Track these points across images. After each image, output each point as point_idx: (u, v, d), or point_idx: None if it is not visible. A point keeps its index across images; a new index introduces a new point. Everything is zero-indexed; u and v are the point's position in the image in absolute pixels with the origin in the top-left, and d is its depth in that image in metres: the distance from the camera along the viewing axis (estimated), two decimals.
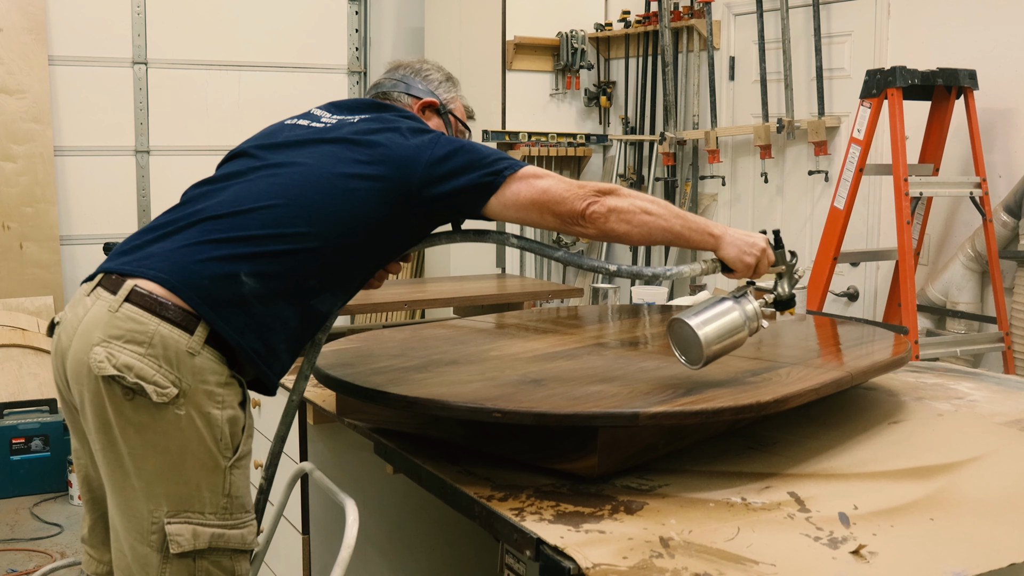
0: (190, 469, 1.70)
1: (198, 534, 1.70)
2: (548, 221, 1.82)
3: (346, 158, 1.83)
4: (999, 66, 3.71)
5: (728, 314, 1.75)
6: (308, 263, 1.76)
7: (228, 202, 1.78)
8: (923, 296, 3.90)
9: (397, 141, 1.86)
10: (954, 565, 1.30)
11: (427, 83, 2.14)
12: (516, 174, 1.82)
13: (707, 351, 1.72)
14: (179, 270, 1.69)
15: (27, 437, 4.38)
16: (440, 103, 2.13)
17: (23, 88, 5.18)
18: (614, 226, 1.78)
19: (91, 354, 1.66)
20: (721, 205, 5.00)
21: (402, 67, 2.18)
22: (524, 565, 1.67)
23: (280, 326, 1.75)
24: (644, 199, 1.81)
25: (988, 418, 2.03)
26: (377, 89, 2.16)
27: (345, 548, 1.80)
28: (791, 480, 1.64)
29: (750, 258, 1.83)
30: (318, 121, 1.96)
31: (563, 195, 1.79)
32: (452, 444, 1.77)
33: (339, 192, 1.79)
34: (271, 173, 1.82)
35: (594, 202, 1.77)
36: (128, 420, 1.67)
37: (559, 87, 5.48)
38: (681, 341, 1.77)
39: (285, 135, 1.93)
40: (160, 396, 1.65)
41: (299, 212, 1.76)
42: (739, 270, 1.84)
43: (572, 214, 1.78)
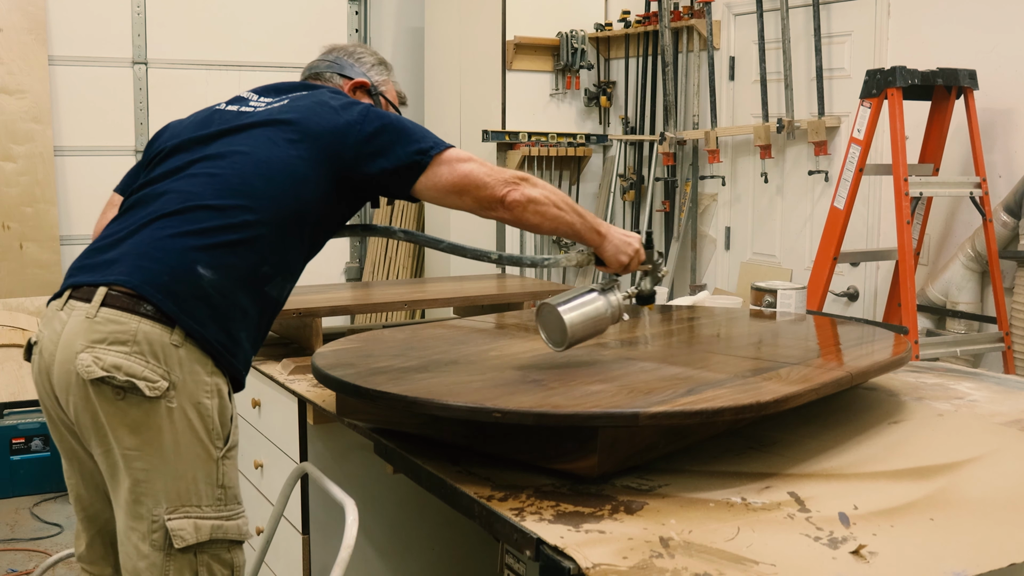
0: (185, 462, 1.72)
1: (199, 527, 1.73)
2: (467, 204, 1.89)
3: (280, 140, 1.86)
4: (999, 66, 3.71)
5: (593, 303, 1.89)
6: (259, 250, 1.79)
7: (174, 199, 1.79)
8: (923, 296, 3.90)
9: (327, 116, 1.89)
10: (954, 565, 1.30)
11: (360, 65, 2.20)
12: (442, 155, 1.87)
13: (570, 334, 1.87)
14: (140, 271, 1.71)
15: (27, 437, 4.38)
16: (371, 84, 2.18)
17: (23, 88, 5.18)
18: (529, 216, 1.87)
19: (77, 361, 1.67)
20: (721, 205, 5.00)
21: (336, 50, 2.23)
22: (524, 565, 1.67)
23: (240, 315, 1.79)
24: (554, 192, 1.91)
25: (988, 418, 2.03)
26: (310, 71, 2.21)
27: (345, 548, 1.80)
28: (791, 480, 1.64)
29: (624, 257, 1.98)
30: (247, 105, 1.97)
31: (484, 180, 1.86)
32: (452, 444, 1.77)
33: (279, 176, 1.82)
34: (211, 165, 1.83)
35: (514, 190, 1.86)
36: (121, 421, 1.68)
37: (559, 87, 5.48)
38: (548, 325, 1.90)
39: (216, 124, 1.93)
40: (152, 390, 1.67)
41: (244, 201, 1.79)
42: (612, 266, 1.99)
43: (492, 200, 1.86)
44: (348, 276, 6.35)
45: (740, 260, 4.91)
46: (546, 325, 1.91)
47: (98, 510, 1.89)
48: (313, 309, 2.60)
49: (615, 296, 1.92)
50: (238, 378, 1.83)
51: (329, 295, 2.86)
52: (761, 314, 2.66)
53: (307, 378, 2.38)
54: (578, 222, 1.92)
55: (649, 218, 5.29)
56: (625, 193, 5.39)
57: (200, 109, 2.05)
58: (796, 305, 2.67)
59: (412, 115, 7.44)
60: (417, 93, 6.29)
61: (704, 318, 2.59)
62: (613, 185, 5.49)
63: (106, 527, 1.90)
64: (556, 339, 1.90)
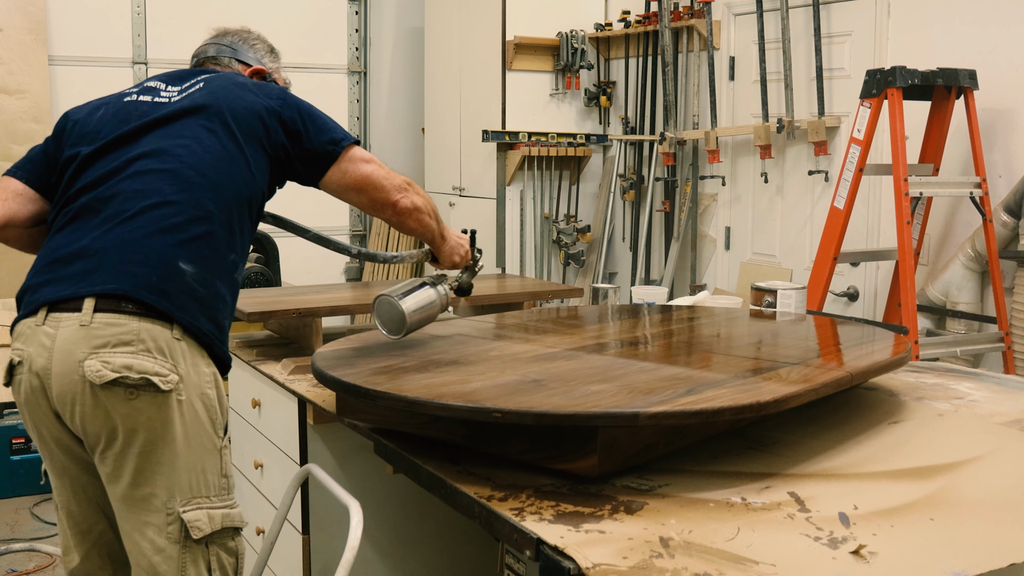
0: (196, 454, 1.77)
1: (212, 516, 1.78)
2: (362, 202, 2.00)
3: (216, 127, 1.88)
4: (999, 66, 3.71)
5: (426, 294, 2.08)
6: (224, 237, 1.84)
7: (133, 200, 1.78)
8: (923, 296, 3.90)
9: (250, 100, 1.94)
10: (954, 565, 1.30)
11: (254, 51, 2.25)
12: (349, 151, 1.96)
13: (409, 321, 2.02)
14: (127, 276, 1.71)
15: (27, 437, 4.38)
16: (267, 72, 2.22)
17: (23, 88, 5.18)
18: (411, 223, 2.04)
19: (84, 368, 1.67)
20: (721, 205, 5.00)
21: (229, 34, 2.27)
22: (524, 565, 1.67)
23: (221, 303, 1.84)
24: (430, 202, 2.07)
25: (988, 418, 2.03)
26: (204, 55, 2.21)
27: (349, 549, 1.80)
28: (791, 480, 1.64)
29: (457, 257, 2.21)
30: (159, 95, 1.97)
31: (382, 183, 1.98)
32: (452, 444, 1.77)
33: (225, 164, 1.86)
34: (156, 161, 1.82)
35: (404, 197, 2.00)
36: (134, 419, 1.69)
37: (559, 87, 5.48)
38: (385, 315, 2.05)
39: (136, 117, 1.91)
40: (166, 384, 1.71)
41: (203, 192, 1.81)
42: (444, 264, 2.20)
43: (386, 203, 1.99)
44: (348, 276, 6.35)
45: (740, 260, 4.91)
46: (383, 315, 2.05)
47: (91, 524, 1.90)
48: (313, 309, 2.60)
49: (443, 288, 2.12)
50: (226, 363, 1.88)
51: (329, 295, 2.86)
52: (761, 314, 2.66)
53: (307, 378, 2.38)
54: (435, 229, 2.11)
55: (649, 218, 5.29)
56: (625, 193, 5.40)
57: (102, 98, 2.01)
58: (796, 305, 2.67)
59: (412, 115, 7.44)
60: (417, 93, 6.29)
61: (704, 318, 2.58)
62: (613, 185, 5.49)
63: (101, 539, 1.91)
64: (392, 328, 2.04)
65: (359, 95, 6.34)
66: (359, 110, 6.37)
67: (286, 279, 5.09)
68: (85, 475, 1.84)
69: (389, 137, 6.45)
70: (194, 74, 2.04)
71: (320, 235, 2.20)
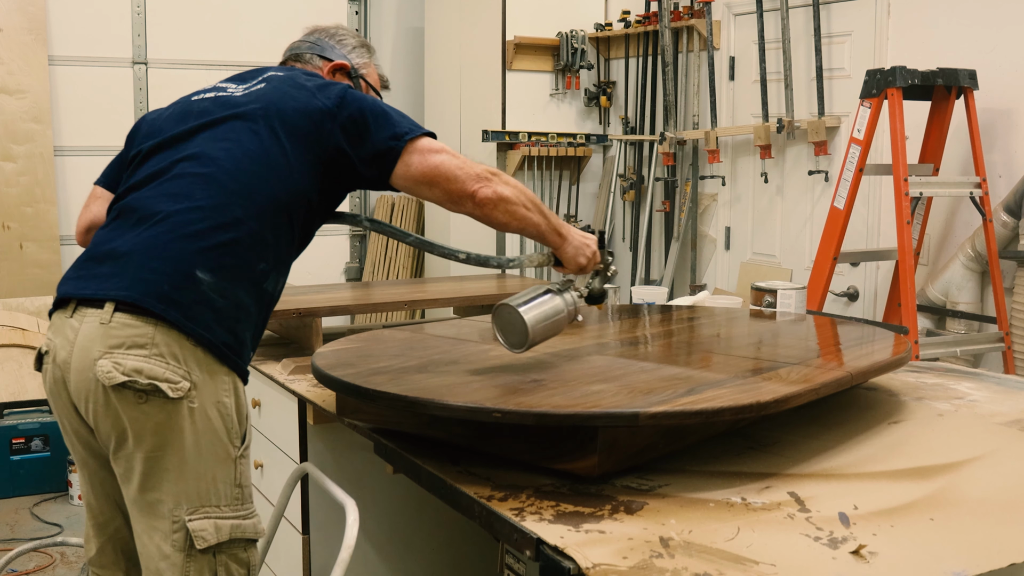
0: (206, 462, 1.72)
1: (219, 527, 1.73)
2: (436, 195, 1.85)
3: (261, 130, 1.82)
4: (999, 66, 3.71)
5: (551, 303, 1.88)
6: (254, 246, 1.76)
7: (164, 203, 1.76)
8: (923, 296, 3.90)
9: (304, 101, 1.85)
10: (954, 565, 1.30)
11: (341, 47, 2.16)
12: (415, 143, 1.83)
13: (531, 335, 1.84)
14: (140, 284, 1.69)
15: (27, 437, 4.38)
16: (351, 67, 2.13)
17: (23, 88, 5.18)
18: (499, 215, 1.84)
19: (96, 368, 1.66)
20: (721, 205, 5.00)
21: (318, 31, 2.20)
22: (524, 565, 1.67)
23: (244, 315, 1.77)
24: (524, 191, 1.87)
25: (988, 418, 2.03)
26: (291, 52, 2.17)
27: (345, 548, 1.80)
28: (791, 480, 1.64)
29: (583, 259, 1.97)
30: (222, 94, 1.93)
31: (456, 173, 1.81)
32: (452, 444, 1.77)
33: (264, 168, 1.79)
34: (195, 164, 1.80)
35: (485, 186, 1.82)
36: (143, 424, 1.68)
37: (559, 87, 5.48)
38: (506, 325, 1.87)
39: (193, 118, 1.89)
40: (175, 391, 1.66)
41: (232, 198, 1.75)
42: (570, 267, 1.97)
43: (461, 194, 1.82)
44: (348, 276, 6.34)
45: (740, 260, 4.91)
46: (504, 327, 1.88)
47: (108, 518, 1.90)
48: (313, 309, 2.60)
49: (571, 295, 1.92)
50: (244, 375, 1.82)
51: (329, 295, 2.86)
52: (761, 314, 2.66)
53: (307, 378, 2.38)
54: (543, 223, 1.90)
55: (649, 218, 5.29)
56: (625, 193, 5.39)
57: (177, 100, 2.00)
58: (796, 305, 2.67)
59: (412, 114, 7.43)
60: (417, 93, 6.29)
61: (704, 318, 2.59)
62: (613, 185, 5.49)
63: (116, 535, 1.90)
64: (515, 341, 1.87)
65: None
66: None
67: None
68: (103, 470, 1.83)
69: None
70: (260, 72, 1.98)
71: (421, 239, 2.04)
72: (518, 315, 1.83)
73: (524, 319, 1.83)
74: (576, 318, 1.93)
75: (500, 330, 1.89)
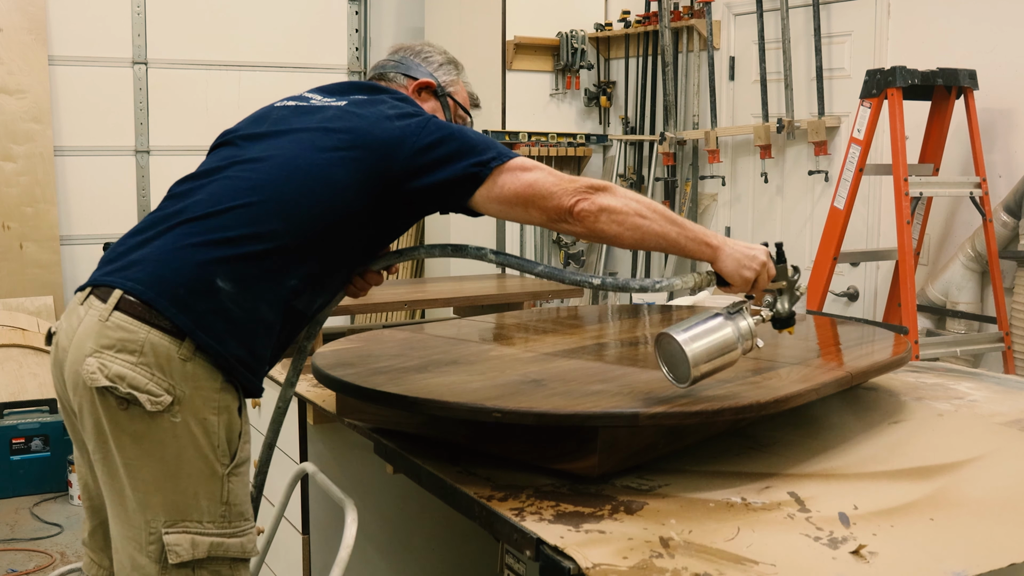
0: (187, 477, 1.66)
1: (196, 543, 1.66)
2: (534, 216, 1.72)
3: (326, 146, 1.75)
4: (999, 66, 3.71)
5: (719, 331, 1.63)
6: (286, 262, 1.69)
7: (205, 202, 1.71)
8: (923, 296, 3.90)
9: (382, 125, 1.77)
10: (954, 565, 1.30)
11: (427, 64, 2.06)
12: (504, 165, 1.71)
13: (695, 371, 1.60)
14: (156, 280, 1.64)
15: (27, 437, 4.38)
16: (437, 84, 2.04)
17: (23, 88, 5.18)
18: (604, 227, 1.68)
19: (84, 365, 1.64)
20: (721, 205, 5.00)
21: (403, 49, 2.10)
22: (524, 565, 1.67)
23: (263, 330, 1.69)
24: (639, 200, 1.71)
25: (988, 418, 2.02)
26: (376, 71, 2.07)
27: (344, 548, 1.80)
28: (791, 480, 1.64)
29: (749, 272, 1.74)
30: (306, 102, 1.88)
31: (551, 190, 1.68)
32: (452, 444, 1.77)
33: (314, 184, 1.72)
34: (250, 168, 1.74)
35: (584, 199, 1.67)
36: (123, 430, 1.65)
37: (559, 87, 5.48)
38: (669, 357, 1.65)
39: (268, 123, 1.85)
40: (154, 405, 1.61)
41: (274, 208, 1.69)
42: (737, 284, 1.74)
43: (559, 210, 1.68)
44: None
45: None
46: (668, 357, 1.64)
47: (101, 504, 1.87)
48: None
49: (745, 322, 1.65)
50: (254, 391, 1.74)
51: None
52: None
53: (307, 378, 2.38)
54: (673, 232, 1.70)
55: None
56: None
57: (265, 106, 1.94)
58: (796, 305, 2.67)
59: None
60: None
61: None
62: None
63: (106, 523, 1.89)
64: (680, 375, 1.63)
65: None
66: None
67: None
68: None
69: None
70: (354, 90, 1.91)
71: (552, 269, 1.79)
72: (680, 348, 1.59)
73: (687, 354, 1.59)
74: (755, 346, 1.67)
75: (663, 360, 1.66)
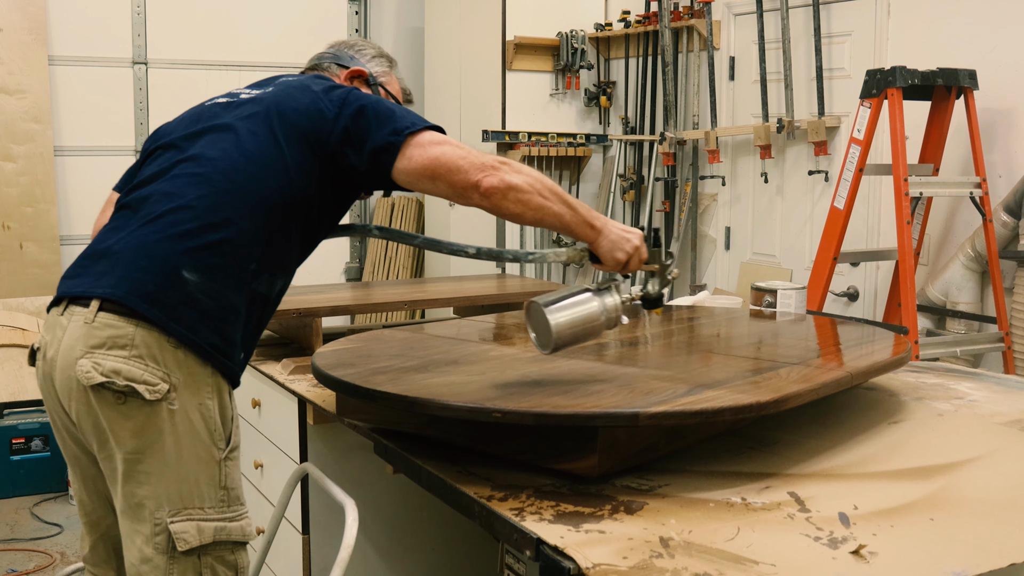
0: (188, 464, 1.71)
1: (202, 529, 1.71)
2: (442, 189, 1.76)
3: (262, 131, 1.81)
4: (999, 66, 3.71)
5: (584, 304, 1.73)
6: (244, 246, 1.74)
7: (159, 202, 1.76)
8: (923, 296, 3.90)
9: (309, 100, 1.83)
10: (954, 565, 1.30)
11: (360, 56, 2.14)
12: (415, 137, 1.76)
13: (556, 339, 1.71)
14: (126, 282, 1.69)
15: (27, 437, 4.39)
16: (369, 74, 2.10)
17: (23, 88, 5.18)
18: (510, 205, 1.74)
19: (76, 368, 1.66)
20: (721, 205, 5.00)
21: (339, 44, 2.19)
22: (524, 565, 1.67)
23: (232, 316, 1.75)
24: (540, 180, 1.77)
25: (988, 418, 2.03)
26: (310, 63, 2.16)
27: (344, 548, 1.80)
28: (791, 480, 1.64)
29: (621, 254, 1.82)
30: (235, 98, 1.93)
31: (459, 164, 1.73)
32: (452, 444, 1.77)
33: (260, 169, 1.78)
34: (195, 164, 1.79)
35: (491, 175, 1.72)
36: (122, 425, 1.67)
37: (559, 87, 5.48)
38: (536, 324, 1.75)
39: (204, 120, 1.89)
40: (153, 393, 1.66)
41: (225, 198, 1.74)
42: (608, 264, 1.83)
43: (466, 185, 1.73)
44: (348, 276, 6.34)
45: (740, 260, 4.90)
46: (535, 325, 1.77)
47: (100, 516, 1.90)
48: (313, 309, 2.60)
49: (612, 298, 1.75)
50: (233, 377, 1.79)
51: (329, 295, 2.86)
52: (761, 314, 2.66)
53: (307, 378, 2.38)
54: (567, 214, 1.77)
55: (649, 218, 5.29)
56: (625, 193, 5.39)
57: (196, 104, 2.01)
58: (796, 305, 2.67)
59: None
60: (417, 93, 6.29)
61: (704, 318, 2.59)
62: (613, 185, 5.49)
63: (108, 532, 1.90)
64: (543, 341, 1.75)
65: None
66: None
67: None
68: (93, 467, 1.83)
69: None
70: (275, 79, 1.98)
71: (428, 239, 1.96)
72: (544, 315, 1.71)
73: (550, 321, 1.71)
74: (619, 323, 1.77)
75: (532, 327, 1.77)
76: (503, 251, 1.93)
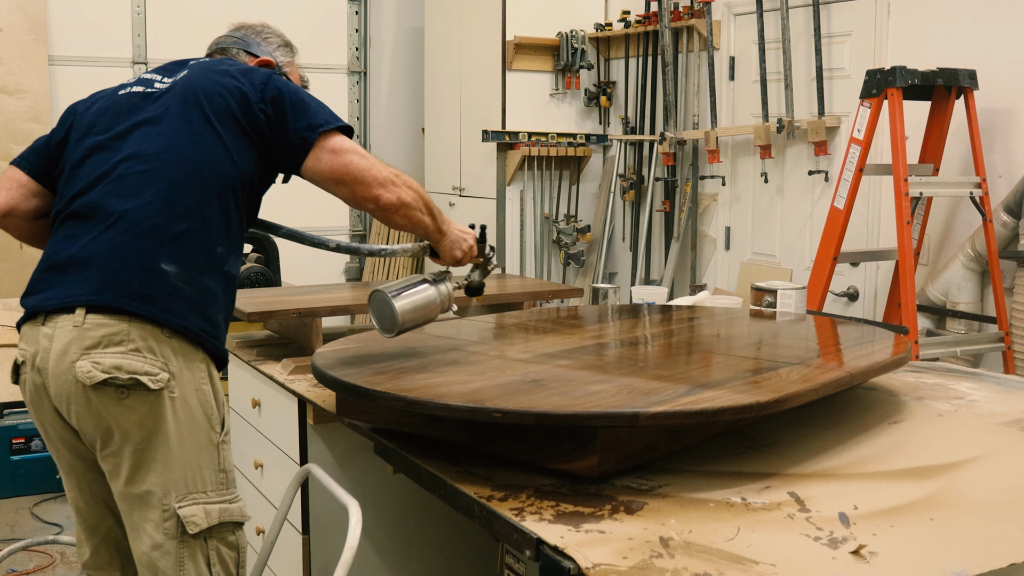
0: (191, 450, 1.77)
1: (208, 511, 1.79)
2: (344, 195, 1.88)
3: (195, 118, 1.85)
4: (999, 66, 3.71)
5: (424, 292, 1.97)
6: (209, 232, 1.80)
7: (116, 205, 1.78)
8: (923, 296, 3.90)
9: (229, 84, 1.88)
10: (954, 565, 1.30)
11: (267, 44, 2.22)
12: (327, 139, 1.85)
13: (400, 321, 1.92)
14: (109, 286, 1.72)
15: (27, 437, 4.38)
16: (276, 64, 2.18)
17: (23, 88, 5.18)
18: (399, 220, 1.91)
19: (76, 370, 1.68)
20: (721, 205, 5.00)
21: (243, 27, 2.25)
22: (524, 565, 1.67)
23: (211, 299, 1.82)
24: (421, 195, 1.93)
25: (988, 418, 2.02)
26: (216, 46, 2.21)
27: (348, 549, 1.80)
28: (791, 480, 1.64)
29: (459, 252, 2.04)
30: (151, 87, 1.95)
31: (363, 176, 1.85)
32: (452, 444, 1.77)
33: (204, 156, 1.82)
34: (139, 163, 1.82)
35: (389, 192, 1.86)
36: (128, 418, 1.70)
37: (559, 87, 5.48)
38: (379, 311, 1.95)
39: (128, 116, 1.91)
40: (155, 383, 1.71)
41: (181, 189, 1.79)
42: (446, 260, 2.05)
43: (367, 197, 1.86)
44: (348, 276, 6.35)
45: (740, 260, 4.91)
46: (377, 312, 1.95)
47: (99, 520, 1.91)
48: (313, 309, 2.60)
49: (445, 286, 2.00)
50: (224, 357, 1.87)
51: (329, 295, 2.86)
52: (761, 314, 2.66)
53: (307, 378, 2.38)
54: (430, 224, 1.97)
55: (649, 218, 5.29)
56: (625, 193, 5.40)
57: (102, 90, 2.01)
58: (796, 305, 2.67)
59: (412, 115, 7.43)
60: (417, 93, 6.29)
61: (704, 318, 2.58)
62: (613, 185, 5.49)
63: (109, 535, 1.92)
64: (386, 325, 1.95)
65: (359, 95, 6.35)
66: (359, 110, 6.37)
67: (286, 279, 5.09)
68: (91, 472, 1.85)
69: (389, 137, 6.45)
70: (184, 64, 2.01)
71: (292, 230, 2.10)
72: (389, 302, 1.91)
73: (394, 306, 1.91)
74: (450, 309, 2.02)
75: (374, 315, 1.97)
76: (359, 247, 2.16)
